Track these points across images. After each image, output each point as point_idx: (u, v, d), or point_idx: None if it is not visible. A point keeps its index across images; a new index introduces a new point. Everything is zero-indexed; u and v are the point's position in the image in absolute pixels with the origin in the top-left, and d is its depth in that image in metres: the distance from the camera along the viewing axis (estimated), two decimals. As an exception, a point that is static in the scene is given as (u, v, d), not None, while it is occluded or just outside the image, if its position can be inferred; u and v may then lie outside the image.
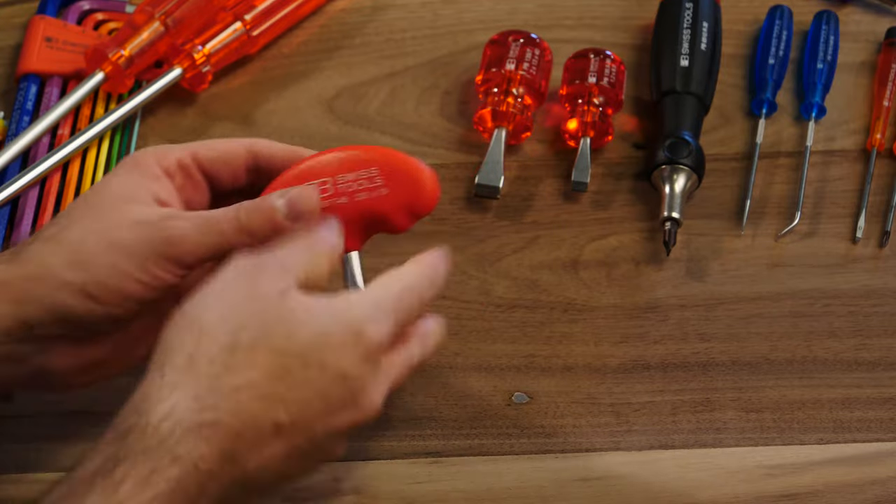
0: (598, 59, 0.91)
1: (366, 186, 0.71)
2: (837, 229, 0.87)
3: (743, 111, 0.93)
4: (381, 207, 0.71)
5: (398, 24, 0.97)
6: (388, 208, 0.71)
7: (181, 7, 0.92)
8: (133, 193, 0.70)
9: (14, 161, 0.87)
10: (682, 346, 0.81)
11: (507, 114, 0.89)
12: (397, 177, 0.72)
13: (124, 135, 0.91)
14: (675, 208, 0.85)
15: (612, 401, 0.79)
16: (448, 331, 0.81)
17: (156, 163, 0.71)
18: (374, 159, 0.72)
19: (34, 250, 0.68)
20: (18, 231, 0.84)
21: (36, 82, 0.92)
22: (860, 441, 0.77)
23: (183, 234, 0.68)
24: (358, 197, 0.71)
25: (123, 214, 0.68)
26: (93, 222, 0.69)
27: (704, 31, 0.92)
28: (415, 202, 0.72)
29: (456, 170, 0.89)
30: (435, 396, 0.78)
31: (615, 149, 0.90)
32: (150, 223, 0.68)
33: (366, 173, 0.72)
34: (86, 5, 0.96)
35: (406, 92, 0.94)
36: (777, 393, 0.79)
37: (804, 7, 0.97)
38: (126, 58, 0.90)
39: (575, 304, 0.83)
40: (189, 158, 0.72)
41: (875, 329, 0.82)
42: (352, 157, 0.72)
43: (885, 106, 0.91)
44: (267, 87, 0.94)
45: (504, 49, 0.91)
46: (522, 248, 0.86)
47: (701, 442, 0.77)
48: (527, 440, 0.77)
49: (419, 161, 0.72)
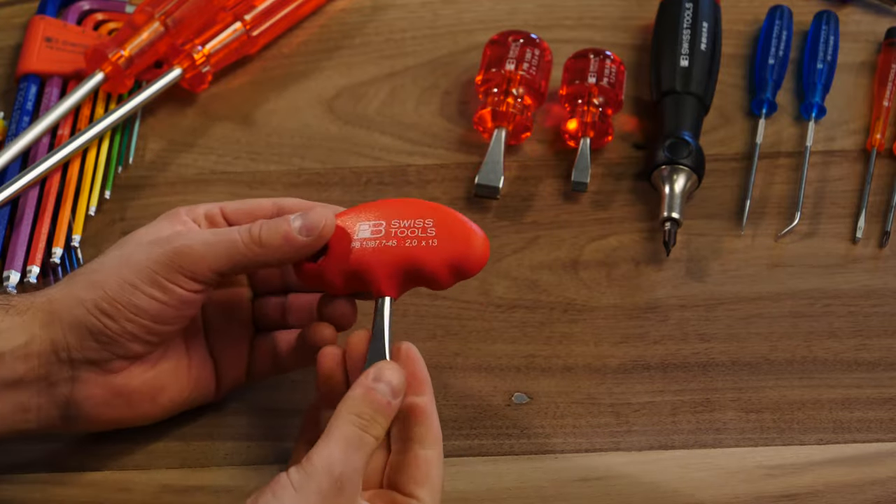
0: (598, 60, 0.91)
1: (417, 235, 0.72)
2: (837, 229, 0.87)
3: (743, 111, 0.93)
4: (427, 258, 0.72)
5: (398, 24, 0.97)
6: (435, 261, 0.72)
7: (181, 7, 0.92)
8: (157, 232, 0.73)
9: (14, 161, 0.87)
10: (682, 346, 0.81)
11: (507, 114, 0.89)
12: (450, 232, 0.72)
13: (124, 135, 0.91)
14: (674, 208, 0.85)
15: (611, 401, 0.79)
16: (448, 331, 0.81)
17: (184, 213, 0.74)
18: (432, 212, 0.73)
19: (61, 283, 0.72)
20: (18, 231, 0.84)
21: (36, 82, 0.92)
22: (860, 441, 0.77)
23: (192, 244, 0.70)
24: (407, 243, 0.72)
25: (140, 241, 0.72)
26: (113, 253, 0.72)
27: (704, 32, 0.92)
28: (462, 260, 0.72)
29: (456, 170, 0.89)
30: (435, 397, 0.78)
31: (615, 149, 0.90)
32: (160, 240, 0.71)
33: (420, 223, 0.72)
34: (86, 5, 0.96)
35: (406, 92, 0.94)
36: (777, 393, 0.79)
37: (804, 7, 0.97)
38: (126, 58, 0.90)
39: (575, 305, 0.83)
40: (216, 209, 0.75)
41: (875, 329, 0.82)
42: (409, 205, 0.74)
43: (884, 106, 0.91)
44: (267, 88, 0.94)
45: (504, 49, 0.91)
46: (522, 249, 0.86)
47: (701, 442, 0.77)
48: (527, 440, 0.77)
49: (474, 224, 0.73)
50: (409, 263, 0.72)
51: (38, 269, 0.83)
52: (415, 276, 0.72)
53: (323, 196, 0.88)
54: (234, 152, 0.90)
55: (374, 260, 0.72)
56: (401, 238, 0.72)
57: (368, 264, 0.72)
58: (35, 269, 0.83)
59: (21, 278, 0.82)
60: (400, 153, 0.90)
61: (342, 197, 0.88)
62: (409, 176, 0.89)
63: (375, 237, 0.72)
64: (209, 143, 0.91)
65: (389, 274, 0.72)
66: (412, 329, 0.81)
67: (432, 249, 0.72)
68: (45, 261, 0.84)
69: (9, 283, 0.82)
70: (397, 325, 0.78)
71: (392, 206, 0.74)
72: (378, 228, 0.73)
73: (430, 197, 0.87)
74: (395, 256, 0.72)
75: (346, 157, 0.90)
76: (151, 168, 0.90)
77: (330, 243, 0.73)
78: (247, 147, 0.91)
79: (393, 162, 0.90)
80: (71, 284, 0.71)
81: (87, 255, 0.85)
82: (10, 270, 0.82)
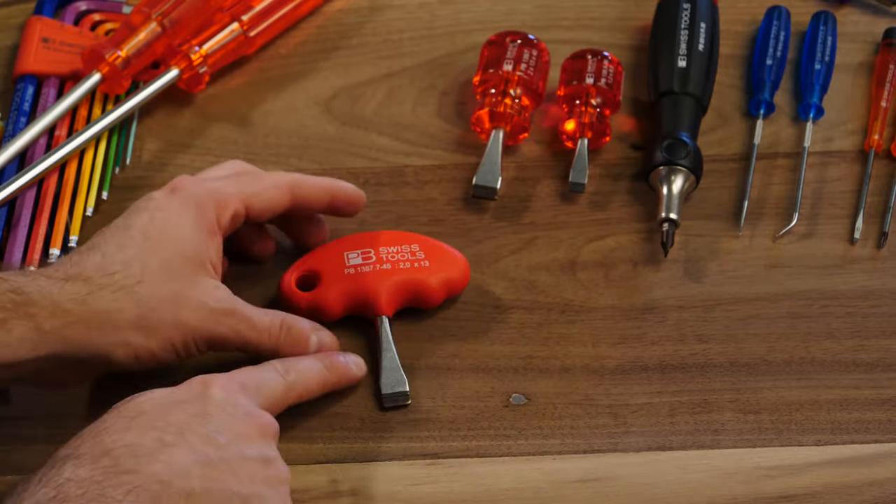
0: (596, 60, 0.91)
1: (408, 258, 0.81)
2: (835, 230, 0.87)
3: (741, 112, 0.93)
4: (421, 277, 0.80)
5: (395, 24, 0.97)
6: (430, 280, 0.80)
7: (178, 8, 0.92)
8: (197, 255, 0.75)
9: (11, 162, 0.87)
10: (679, 347, 0.81)
11: (505, 115, 0.89)
12: (437, 255, 0.81)
13: (121, 136, 0.90)
14: (672, 209, 0.85)
15: (609, 402, 0.79)
16: (446, 332, 0.81)
17: (215, 219, 0.77)
18: (414, 239, 0.82)
19: (107, 299, 0.72)
20: (15, 232, 0.84)
21: (33, 83, 0.92)
22: (858, 442, 0.77)
23: (232, 335, 0.75)
24: (401, 266, 0.80)
25: (190, 289, 0.74)
26: (165, 285, 0.74)
27: (702, 32, 0.92)
28: (452, 277, 0.81)
29: (453, 171, 0.89)
30: (432, 398, 0.78)
31: (613, 150, 0.90)
32: (210, 311, 0.74)
33: (407, 248, 0.81)
34: (83, 6, 0.96)
35: (403, 93, 0.93)
36: (775, 394, 0.79)
37: (802, 8, 0.97)
38: (123, 59, 0.90)
39: (573, 306, 0.83)
40: (242, 209, 0.78)
41: (873, 330, 0.82)
42: (393, 234, 0.82)
43: (882, 107, 0.91)
44: (264, 88, 0.94)
45: (502, 50, 0.91)
46: (520, 249, 0.85)
47: (699, 443, 0.77)
48: (524, 441, 0.77)
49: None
50: (407, 283, 0.80)
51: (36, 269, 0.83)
52: (412, 294, 0.80)
53: (320, 197, 0.87)
54: (232, 153, 0.90)
55: (373, 282, 0.79)
56: (394, 262, 0.80)
57: (368, 287, 0.79)
58: (32, 269, 0.82)
59: (18, 279, 0.82)
60: (397, 154, 0.90)
61: (340, 198, 0.88)
62: (406, 177, 0.89)
63: (368, 262, 0.80)
64: (206, 143, 0.91)
65: (389, 294, 0.79)
66: (410, 330, 0.81)
67: (426, 270, 0.80)
68: (43, 262, 0.83)
69: (6, 284, 0.81)
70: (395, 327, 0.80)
71: (373, 236, 0.82)
72: (368, 255, 0.80)
73: (428, 198, 0.87)
74: (391, 278, 0.80)
75: (344, 157, 0.90)
76: (148, 169, 0.90)
77: (322, 273, 0.80)
78: (244, 148, 0.91)
79: (390, 163, 0.90)
80: (119, 312, 0.72)
81: (84, 256, 0.85)
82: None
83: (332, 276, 0.80)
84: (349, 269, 0.80)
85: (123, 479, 0.62)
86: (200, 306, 0.74)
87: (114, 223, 0.76)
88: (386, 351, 0.78)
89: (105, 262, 0.73)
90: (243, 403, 0.69)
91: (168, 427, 0.65)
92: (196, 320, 0.74)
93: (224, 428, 0.67)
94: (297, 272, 0.81)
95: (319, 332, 0.78)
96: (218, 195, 0.77)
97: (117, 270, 0.73)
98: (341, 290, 0.80)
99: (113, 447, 0.63)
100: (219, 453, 0.65)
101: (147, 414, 0.66)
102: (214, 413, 0.67)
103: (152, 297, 0.73)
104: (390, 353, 0.78)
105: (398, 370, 0.78)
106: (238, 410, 0.68)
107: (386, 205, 0.87)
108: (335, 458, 0.75)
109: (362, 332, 0.81)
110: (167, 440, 0.65)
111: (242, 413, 0.68)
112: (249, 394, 0.70)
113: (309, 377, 0.75)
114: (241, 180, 0.79)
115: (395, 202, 0.88)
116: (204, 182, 0.78)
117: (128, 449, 0.63)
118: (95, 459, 0.63)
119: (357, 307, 0.80)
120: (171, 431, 0.65)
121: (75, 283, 0.72)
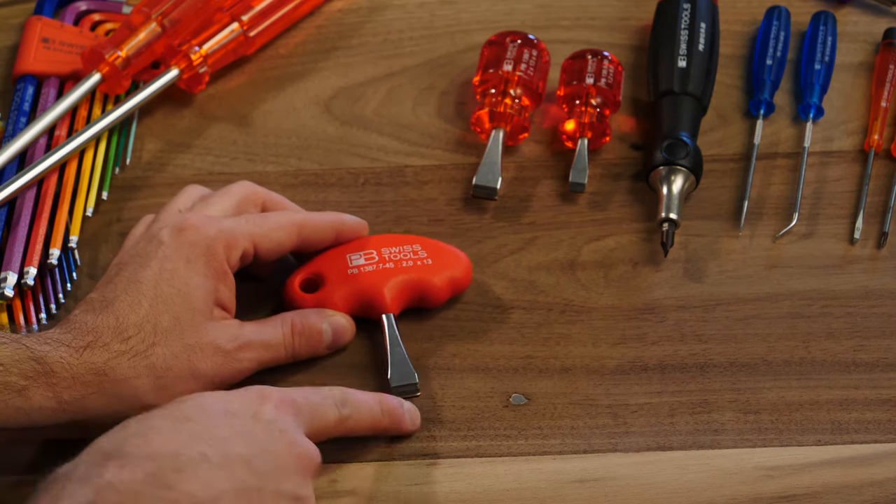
0: (596, 60, 0.91)
1: (411, 258, 0.81)
2: (835, 230, 0.87)
3: (741, 112, 0.93)
4: (425, 275, 0.81)
5: (395, 24, 0.97)
6: (432, 277, 0.81)
7: (178, 8, 0.92)
8: (207, 304, 0.76)
9: (11, 162, 0.87)
10: (679, 347, 0.81)
11: (505, 115, 0.89)
12: (439, 254, 0.82)
13: (121, 136, 0.90)
14: (672, 209, 0.85)
15: (609, 402, 0.79)
16: (445, 332, 0.81)
17: (225, 260, 0.77)
18: (414, 239, 0.82)
19: (125, 367, 0.73)
20: (15, 232, 0.84)
21: (33, 83, 0.92)
22: (858, 442, 0.77)
23: (253, 365, 0.77)
24: (405, 264, 0.81)
25: (203, 338, 0.75)
26: (178, 342, 0.75)
27: (702, 32, 0.92)
28: (456, 275, 0.81)
29: (453, 171, 0.89)
30: (432, 398, 0.78)
31: (613, 150, 0.90)
32: (226, 354, 0.76)
33: (409, 248, 0.82)
34: (83, 6, 0.96)
35: (403, 93, 0.93)
36: (775, 394, 0.79)
37: (802, 8, 0.97)
38: (123, 59, 0.90)
39: (573, 306, 0.83)
40: (251, 249, 0.79)
41: (873, 330, 0.82)
42: (394, 236, 0.83)
43: (882, 107, 0.91)
44: (264, 88, 0.94)
45: (501, 50, 0.91)
46: (520, 249, 0.85)
47: (699, 443, 0.77)
48: (524, 441, 0.77)
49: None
50: (412, 281, 0.80)
51: (36, 270, 0.83)
52: (417, 293, 0.81)
53: (320, 197, 0.88)
54: (232, 153, 0.90)
55: (378, 281, 0.80)
56: (397, 261, 0.81)
57: (373, 286, 0.80)
58: (32, 270, 0.82)
59: (18, 280, 0.82)
60: (397, 154, 0.90)
61: (339, 198, 0.88)
62: (406, 177, 0.89)
63: (371, 262, 0.81)
64: (206, 143, 0.91)
65: (394, 292, 0.80)
66: (410, 330, 0.81)
67: (430, 268, 0.81)
68: (43, 262, 0.83)
69: (6, 285, 0.81)
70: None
71: (373, 239, 0.82)
72: (371, 256, 0.81)
73: (428, 198, 0.88)
74: (395, 277, 0.80)
75: (344, 157, 0.90)
76: (148, 169, 0.90)
77: (325, 275, 0.81)
78: (244, 148, 0.91)
79: (390, 163, 0.90)
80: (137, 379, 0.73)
81: (84, 257, 0.85)
82: (7, 272, 0.82)
83: (335, 277, 0.81)
84: (352, 269, 0.81)
85: (159, 493, 0.62)
86: (215, 352, 0.75)
87: (124, 274, 0.76)
88: (394, 346, 0.78)
89: (120, 326, 0.74)
90: (292, 428, 0.69)
91: (213, 441, 0.65)
92: (214, 367, 0.75)
93: (266, 454, 0.67)
94: (301, 275, 0.81)
95: (330, 319, 0.79)
96: (227, 236, 0.77)
97: (132, 335, 0.74)
98: (346, 290, 0.80)
99: (159, 453, 0.64)
100: (256, 483, 0.65)
101: (195, 422, 0.66)
102: (260, 435, 0.67)
103: (167, 358, 0.74)
104: (398, 347, 0.78)
105: (406, 363, 0.78)
106: (284, 437, 0.68)
107: (386, 205, 0.87)
108: (335, 458, 0.75)
109: (368, 336, 0.81)
110: (210, 456, 0.64)
111: (287, 441, 0.68)
112: (301, 417, 0.70)
113: (363, 416, 0.74)
114: (249, 220, 0.79)
115: (395, 202, 0.88)
116: (213, 222, 0.78)
117: (172, 459, 0.63)
118: (139, 463, 0.63)
119: (362, 307, 0.80)
120: (215, 446, 0.65)
121: (93, 350, 0.73)
